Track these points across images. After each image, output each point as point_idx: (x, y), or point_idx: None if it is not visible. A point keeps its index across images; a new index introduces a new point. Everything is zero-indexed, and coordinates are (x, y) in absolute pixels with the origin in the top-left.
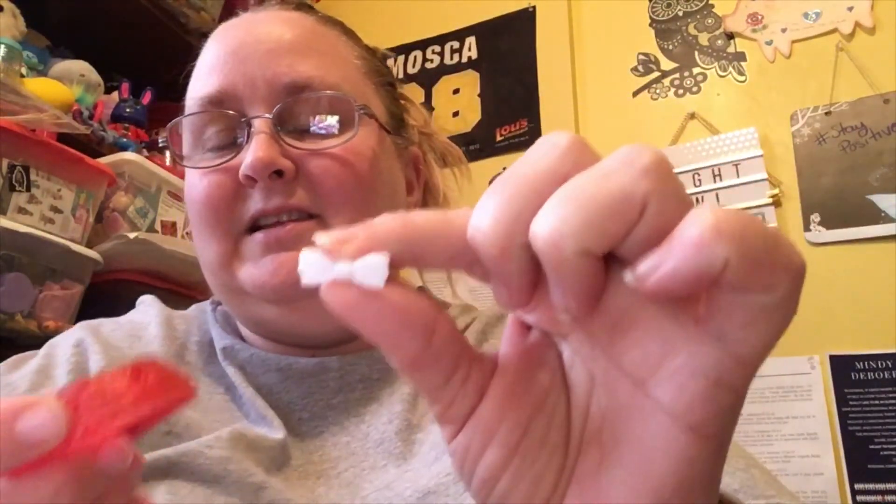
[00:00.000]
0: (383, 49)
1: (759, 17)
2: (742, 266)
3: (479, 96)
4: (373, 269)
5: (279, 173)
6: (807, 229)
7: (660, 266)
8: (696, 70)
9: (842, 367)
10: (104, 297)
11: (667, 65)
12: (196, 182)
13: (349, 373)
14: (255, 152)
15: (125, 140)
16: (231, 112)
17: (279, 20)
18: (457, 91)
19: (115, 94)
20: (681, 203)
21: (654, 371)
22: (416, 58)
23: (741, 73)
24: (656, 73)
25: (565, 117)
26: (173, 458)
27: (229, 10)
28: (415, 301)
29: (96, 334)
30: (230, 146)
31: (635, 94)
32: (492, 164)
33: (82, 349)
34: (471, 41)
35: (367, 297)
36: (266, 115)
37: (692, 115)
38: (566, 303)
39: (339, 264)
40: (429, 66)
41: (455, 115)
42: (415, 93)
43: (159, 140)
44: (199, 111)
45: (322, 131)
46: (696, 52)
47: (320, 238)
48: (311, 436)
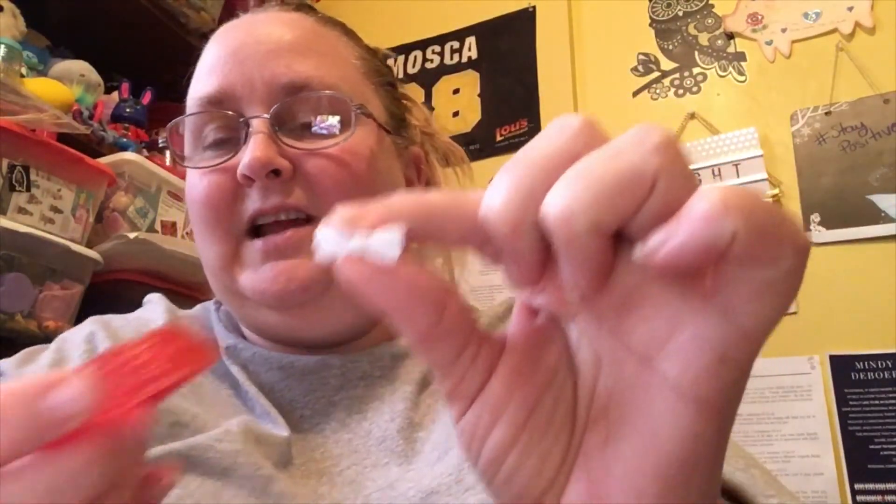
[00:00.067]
0: (384, 49)
1: (759, 17)
2: (749, 238)
3: (479, 96)
4: (388, 243)
5: (276, 173)
6: (807, 229)
7: (669, 240)
8: (696, 70)
9: (842, 367)
10: (104, 297)
11: (667, 65)
12: (196, 182)
13: (351, 370)
14: (252, 152)
15: (125, 140)
16: (230, 112)
17: (279, 21)
18: (457, 91)
19: (115, 94)
20: (689, 181)
21: (661, 347)
22: (416, 58)
23: (741, 73)
24: (656, 73)
25: None
26: (183, 452)
27: (229, 11)
28: (427, 277)
29: (107, 328)
30: (229, 146)
31: (635, 94)
32: (492, 164)
33: (94, 344)
34: (471, 41)
35: (382, 271)
36: (264, 115)
37: (692, 115)
38: (576, 280)
39: (355, 238)
40: (429, 66)
41: (455, 115)
42: (415, 93)
43: (159, 140)
44: (198, 111)
45: (320, 131)
46: (696, 52)
47: (338, 212)
48: (313, 433)
